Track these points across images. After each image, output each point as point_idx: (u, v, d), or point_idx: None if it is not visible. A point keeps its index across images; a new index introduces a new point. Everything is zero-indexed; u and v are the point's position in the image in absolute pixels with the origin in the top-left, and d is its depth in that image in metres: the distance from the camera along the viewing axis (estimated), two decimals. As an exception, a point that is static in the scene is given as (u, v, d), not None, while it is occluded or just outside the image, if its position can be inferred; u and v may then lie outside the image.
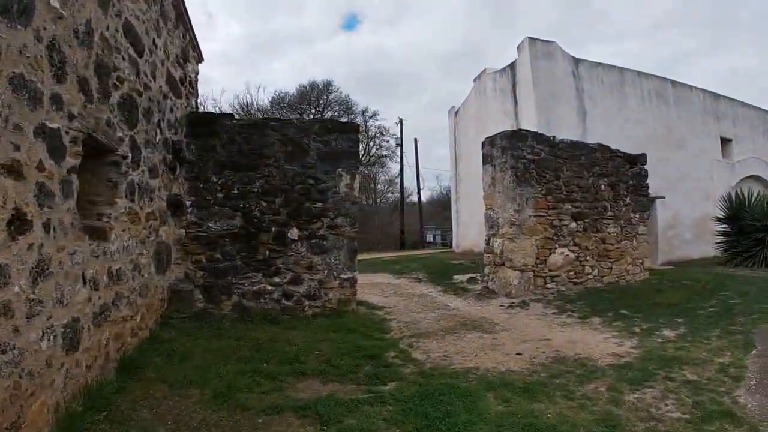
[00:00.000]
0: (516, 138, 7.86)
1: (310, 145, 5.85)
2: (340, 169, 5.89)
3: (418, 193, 31.11)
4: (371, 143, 27.83)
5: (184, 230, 5.56)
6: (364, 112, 27.39)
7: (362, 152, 27.79)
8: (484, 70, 14.01)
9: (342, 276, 5.83)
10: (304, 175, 5.79)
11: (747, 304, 6.34)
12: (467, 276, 9.15)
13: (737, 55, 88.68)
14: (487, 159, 8.27)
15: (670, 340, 4.83)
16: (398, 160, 28.86)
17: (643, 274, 9.30)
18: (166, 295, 5.26)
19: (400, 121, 28.38)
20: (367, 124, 27.53)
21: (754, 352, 4.33)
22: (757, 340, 4.70)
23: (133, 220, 4.08)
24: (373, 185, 34.14)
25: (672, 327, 5.37)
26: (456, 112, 16.55)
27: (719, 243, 11.98)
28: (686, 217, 12.97)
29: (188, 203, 5.59)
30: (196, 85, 6.61)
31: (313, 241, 5.75)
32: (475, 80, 14.63)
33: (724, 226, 11.92)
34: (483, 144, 8.45)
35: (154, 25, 4.51)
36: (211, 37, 54.54)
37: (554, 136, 8.43)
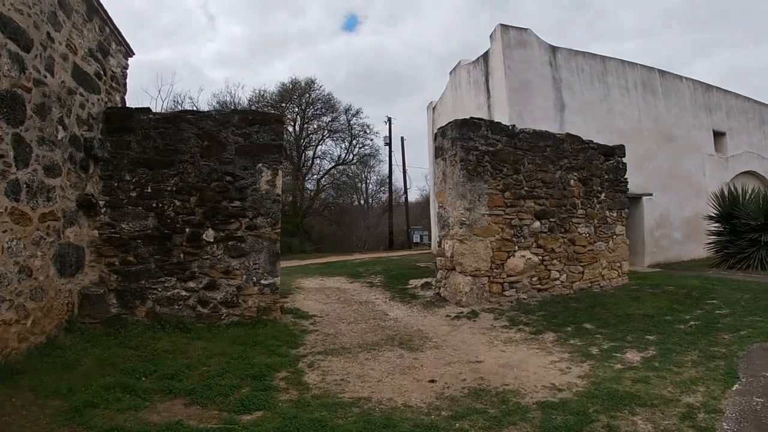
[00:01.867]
0: (467, 127, 7.54)
1: (228, 139, 5.94)
2: (260, 165, 5.94)
3: (405, 193, 31.55)
4: (354, 141, 28.14)
5: (97, 231, 5.73)
6: (347, 110, 27.78)
7: (345, 151, 28.14)
8: (459, 62, 14.12)
9: (262, 281, 5.87)
10: (221, 172, 5.87)
11: (736, 316, 5.94)
12: (423, 281, 9.07)
13: (737, 54, 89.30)
14: (438, 152, 8.08)
15: (631, 366, 4.29)
16: (383, 158, 29.21)
17: (622, 279, 9.06)
18: (75, 300, 5.42)
19: (389, 120, 28.72)
20: (351, 122, 27.88)
21: (736, 386, 3.62)
22: (743, 367, 4.06)
23: (18, 220, 4.25)
24: (363, 185, 34.49)
25: (639, 347, 4.88)
26: (434, 108, 16.69)
27: (711, 243, 11.94)
28: (675, 215, 13.01)
29: (102, 203, 5.75)
30: (123, 80, 6.81)
31: (231, 243, 5.82)
32: (451, 73, 14.76)
33: (716, 225, 11.88)
34: (435, 136, 8.30)
35: (48, 18, 4.70)
36: (212, 38, 55.50)
37: (514, 125, 8.21)
